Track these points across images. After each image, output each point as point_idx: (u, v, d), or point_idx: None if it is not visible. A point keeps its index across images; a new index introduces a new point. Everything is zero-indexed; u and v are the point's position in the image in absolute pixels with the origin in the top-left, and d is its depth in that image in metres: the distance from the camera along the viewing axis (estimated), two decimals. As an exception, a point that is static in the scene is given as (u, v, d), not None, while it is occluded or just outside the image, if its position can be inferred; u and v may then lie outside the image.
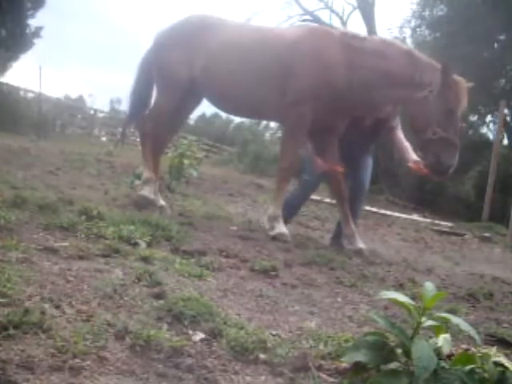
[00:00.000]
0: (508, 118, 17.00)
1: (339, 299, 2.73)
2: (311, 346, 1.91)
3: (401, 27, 19.40)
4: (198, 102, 5.11)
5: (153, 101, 4.99)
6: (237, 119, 27.62)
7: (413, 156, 4.62)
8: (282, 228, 4.25)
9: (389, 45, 4.38)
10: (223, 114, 29.17)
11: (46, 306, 1.80)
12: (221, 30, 4.67)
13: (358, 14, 21.79)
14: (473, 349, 1.65)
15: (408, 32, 19.14)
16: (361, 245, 4.42)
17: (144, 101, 5.05)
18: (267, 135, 27.76)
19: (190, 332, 1.85)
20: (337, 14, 22.92)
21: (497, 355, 1.57)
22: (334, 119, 4.45)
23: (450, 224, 9.72)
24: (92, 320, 1.77)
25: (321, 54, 4.35)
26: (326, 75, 4.29)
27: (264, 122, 27.02)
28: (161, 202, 4.80)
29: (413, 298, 1.74)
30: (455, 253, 5.72)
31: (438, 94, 4.14)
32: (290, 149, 4.43)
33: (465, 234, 8.00)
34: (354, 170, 4.69)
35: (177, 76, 4.70)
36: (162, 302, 2.04)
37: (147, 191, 4.68)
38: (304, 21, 23.09)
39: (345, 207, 4.54)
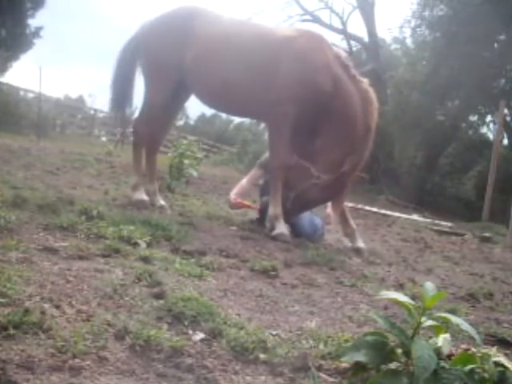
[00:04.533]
0: (508, 118, 16.99)
1: (339, 299, 2.73)
2: (311, 346, 1.91)
3: (401, 27, 19.42)
4: (188, 96, 5.00)
5: (143, 98, 4.86)
6: (237, 119, 27.61)
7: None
8: (282, 228, 4.25)
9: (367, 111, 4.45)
10: (223, 114, 29.13)
11: (46, 306, 1.80)
12: (211, 22, 4.61)
13: (358, 13, 21.81)
14: (473, 349, 1.65)
15: (408, 32, 19.16)
16: (360, 244, 4.43)
17: (126, 90, 4.94)
18: (267, 135, 27.71)
19: (190, 332, 1.85)
20: (337, 14, 22.91)
21: (497, 355, 1.57)
22: (318, 121, 4.46)
23: (450, 224, 9.72)
24: (92, 320, 1.76)
25: (309, 55, 4.39)
26: (311, 77, 4.33)
27: (264, 122, 26.96)
28: (161, 201, 4.79)
29: (413, 298, 1.74)
30: (455, 253, 5.72)
31: (313, 188, 4.38)
32: (279, 147, 4.41)
33: (465, 234, 7.99)
34: None
35: (167, 68, 4.62)
36: (162, 301, 2.04)
37: (139, 194, 4.68)
38: (304, 21, 23.11)
39: (342, 207, 4.60)
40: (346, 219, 4.60)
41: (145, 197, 4.69)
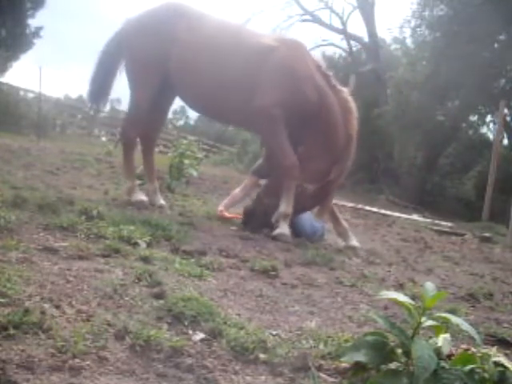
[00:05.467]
0: (508, 118, 16.98)
1: (339, 299, 2.73)
2: (311, 346, 1.91)
3: (401, 27, 19.39)
4: (175, 94, 4.94)
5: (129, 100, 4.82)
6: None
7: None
8: (284, 228, 4.25)
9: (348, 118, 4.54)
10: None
11: (46, 306, 1.80)
12: (196, 23, 4.56)
13: (358, 13, 21.81)
14: (473, 349, 1.65)
15: (408, 32, 19.14)
16: (354, 242, 4.46)
17: (106, 85, 4.90)
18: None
19: (190, 332, 1.85)
20: (337, 14, 22.91)
21: (497, 355, 1.57)
22: (300, 132, 4.48)
23: (450, 224, 9.72)
24: (92, 320, 1.76)
25: (291, 65, 4.43)
26: (294, 86, 4.38)
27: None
28: (161, 201, 4.79)
29: (413, 298, 1.74)
30: (455, 253, 5.72)
31: (298, 197, 4.42)
32: (282, 148, 4.40)
33: (465, 234, 7.99)
34: None
35: (152, 66, 4.54)
36: (162, 301, 2.04)
37: (137, 195, 4.67)
38: (304, 21, 23.12)
39: (331, 208, 4.70)
40: (337, 218, 4.66)
41: (143, 197, 4.69)
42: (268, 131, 4.48)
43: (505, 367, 1.52)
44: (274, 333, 2.00)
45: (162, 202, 4.81)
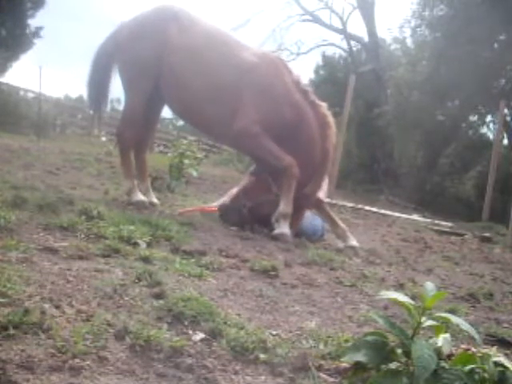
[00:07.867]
0: (508, 118, 16.98)
1: (339, 299, 2.73)
2: (311, 346, 1.91)
3: (401, 27, 19.41)
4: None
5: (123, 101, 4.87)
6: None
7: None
8: (284, 228, 4.25)
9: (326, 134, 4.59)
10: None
11: (46, 306, 1.80)
12: (189, 27, 4.58)
13: (358, 13, 21.83)
14: (473, 349, 1.65)
15: (408, 32, 19.15)
16: (353, 242, 4.46)
17: (103, 89, 4.95)
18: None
19: (190, 332, 1.85)
20: (337, 14, 22.94)
21: (497, 355, 1.56)
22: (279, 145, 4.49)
23: (450, 224, 9.72)
24: (92, 320, 1.76)
25: (270, 84, 4.48)
26: (272, 104, 4.44)
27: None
28: (153, 199, 4.85)
29: (413, 298, 1.74)
30: (455, 253, 5.72)
31: (270, 204, 4.42)
32: (274, 154, 4.41)
33: (465, 234, 7.99)
34: None
35: (146, 69, 4.57)
36: (161, 301, 2.04)
37: (137, 196, 4.69)
38: (304, 21, 23.14)
39: (326, 210, 4.73)
40: (333, 220, 4.68)
41: (143, 197, 4.70)
42: (254, 147, 4.51)
43: (505, 367, 1.52)
44: (274, 333, 2.00)
45: (155, 200, 4.86)
